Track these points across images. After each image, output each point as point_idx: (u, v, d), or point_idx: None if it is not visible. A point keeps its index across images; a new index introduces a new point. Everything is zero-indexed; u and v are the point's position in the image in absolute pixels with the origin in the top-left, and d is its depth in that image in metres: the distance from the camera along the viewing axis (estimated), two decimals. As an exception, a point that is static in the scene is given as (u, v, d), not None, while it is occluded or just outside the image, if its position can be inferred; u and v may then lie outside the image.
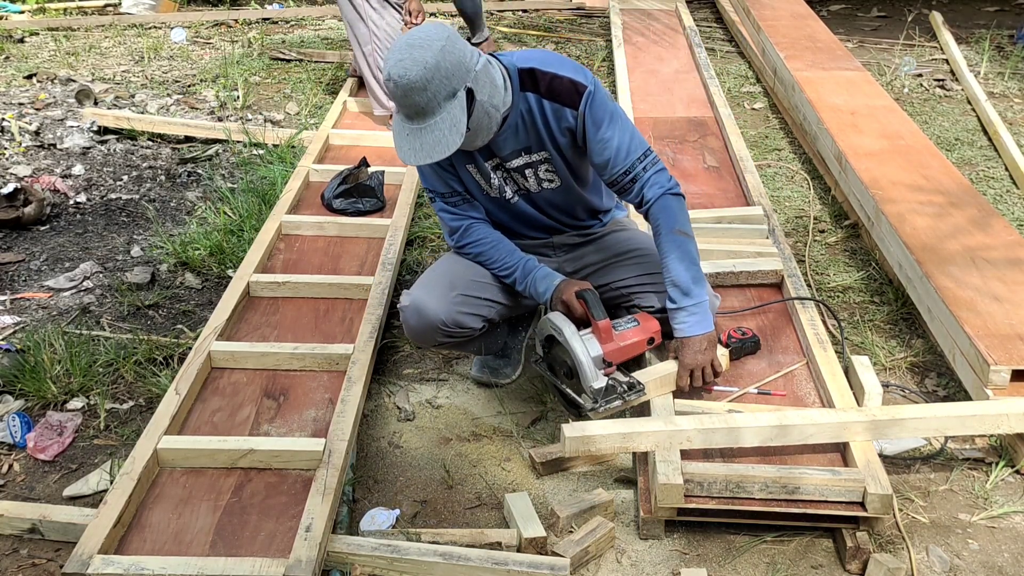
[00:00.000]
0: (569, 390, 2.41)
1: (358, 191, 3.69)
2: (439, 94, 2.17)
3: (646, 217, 2.47)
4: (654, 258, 2.52)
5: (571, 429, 2.20)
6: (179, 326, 3.12)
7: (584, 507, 2.27)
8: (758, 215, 3.49)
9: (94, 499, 2.33)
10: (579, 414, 2.42)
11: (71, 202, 4.06)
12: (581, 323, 2.42)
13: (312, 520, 2.08)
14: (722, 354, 2.54)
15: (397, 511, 2.30)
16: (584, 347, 2.34)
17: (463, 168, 2.52)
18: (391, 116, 4.69)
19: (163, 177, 4.33)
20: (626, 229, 2.77)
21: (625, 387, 2.37)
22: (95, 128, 4.69)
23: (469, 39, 4.86)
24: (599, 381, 2.34)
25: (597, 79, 2.43)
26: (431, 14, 7.12)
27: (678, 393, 2.48)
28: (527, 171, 2.51)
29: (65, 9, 7.57)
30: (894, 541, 2.24)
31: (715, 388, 2.59)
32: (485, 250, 2.58)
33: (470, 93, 2.22)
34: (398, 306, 2.59)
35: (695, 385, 2.44)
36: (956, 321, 2.67)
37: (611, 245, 2.69)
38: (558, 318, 2.41)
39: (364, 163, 3.83)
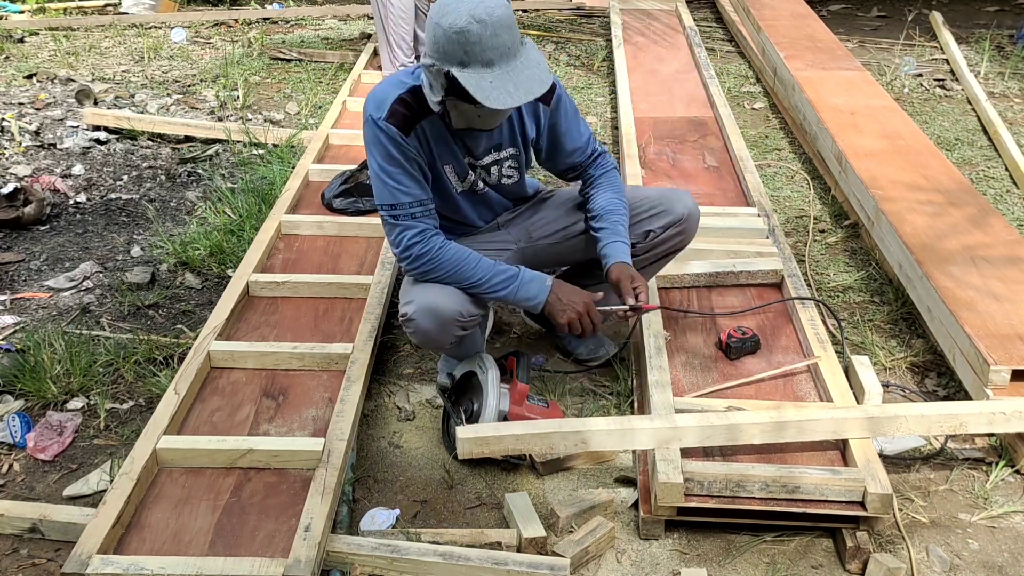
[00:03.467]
0: (464, 425, 2.43)
1: (358, 190, 3.69)
2: (516, 34, 2.19)
3: (594, 180, 2.63)
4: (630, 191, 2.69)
5: (464, 431, 2.24)
6: (179, 326, 3.12)
7: (584, 507, 2.27)
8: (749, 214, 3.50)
9: (94, 499, 2.33)
10: (452, 449, 2.47)
11: (71, 202, 4.06)
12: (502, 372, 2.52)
13: (311, 520, 2.07)
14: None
15: (397, 511, 2.30)
16: (497, 398, 2.42)
17: (441, 169, 2.47)
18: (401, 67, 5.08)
19: (163, 177, 4.33)
20: (552, 191, 2.82)
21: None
22: (100, 138, 4.69)
23: None
24: None
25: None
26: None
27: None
28: (493, 168, 2.57)
29: (65, 9, 7.57)
30: (894, 541, 2.24)
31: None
32: (454, 255, 2.40)
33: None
34: (403, 318, 2.44)
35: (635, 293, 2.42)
36: (956, 321, 2.67)
37: (552, 202, 2.75)
38: (489, 360, 2.49)
39: (366, 166, 3.82)
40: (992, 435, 2.57)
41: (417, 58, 5.30)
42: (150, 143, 4.70)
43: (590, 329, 2.44)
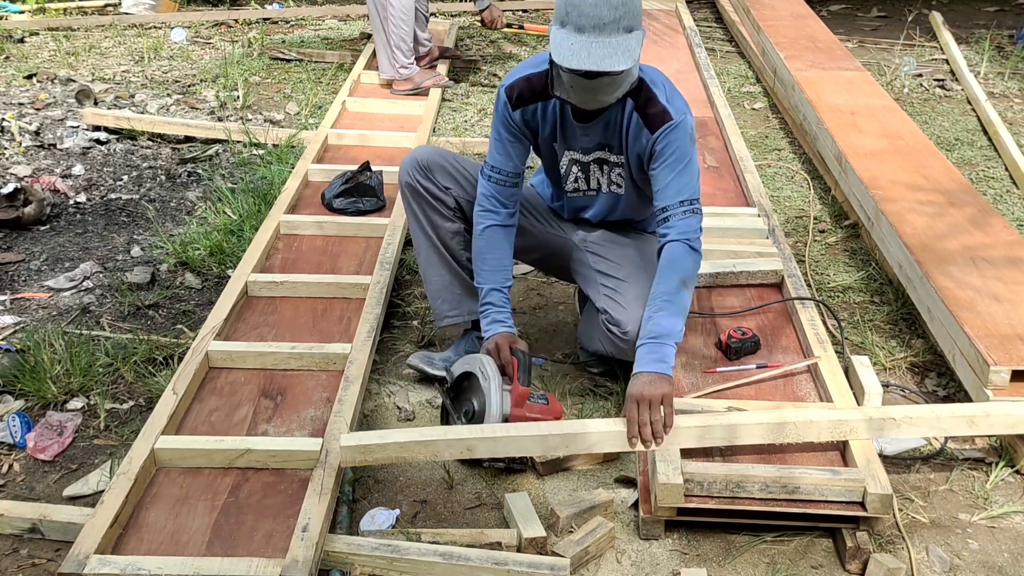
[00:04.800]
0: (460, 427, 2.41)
1: (358, 190, 3.69)
2: (623, 20, 2.21)
3: (658, 255, 2.45)
4: (641, 272, 2.58)
5: (347, 439, 2.24)
6: (179, 326, 3.11)
7: (584, 507, 2.27)
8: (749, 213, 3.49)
9: (94, 499, 2.33)
10: None
11: (71, 202, 4.06)
12: (502, 373, 2.47)
13: (309, 520, 2.07)
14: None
15: (397, 511, 2.30)
16: (500, 406, 2.38)
17: (548, 146, 2.57)
18: (393, 83, 5.16)
19: (163, 177, 4.33)
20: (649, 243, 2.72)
21: (516, 456, 2.37)
22: (100, 138, 4.69)
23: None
24: None
25: (692, 119, 2.44)
26: (431, 13, 7.12)
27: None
28: (604, 166, 2.57)
29: (65, 9, 7.57)
30: (894, 541, 2.23)
31: (717, 370, 2.64)
32: (483, 244, 2.60)
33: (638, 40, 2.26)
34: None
35: (642, 426, 2.20)
36: (956, 321, 2.67)
37: (630, 247, 2.70)
38: (490, 364, 2.45)
39: (367, 167, 3.81)
40: (992, 435, 2.56)
41: (417, 60, 5.30)
42: (150, 143, 4.70)
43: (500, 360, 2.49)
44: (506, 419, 2.42)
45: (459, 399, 2.54)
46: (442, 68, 5.55)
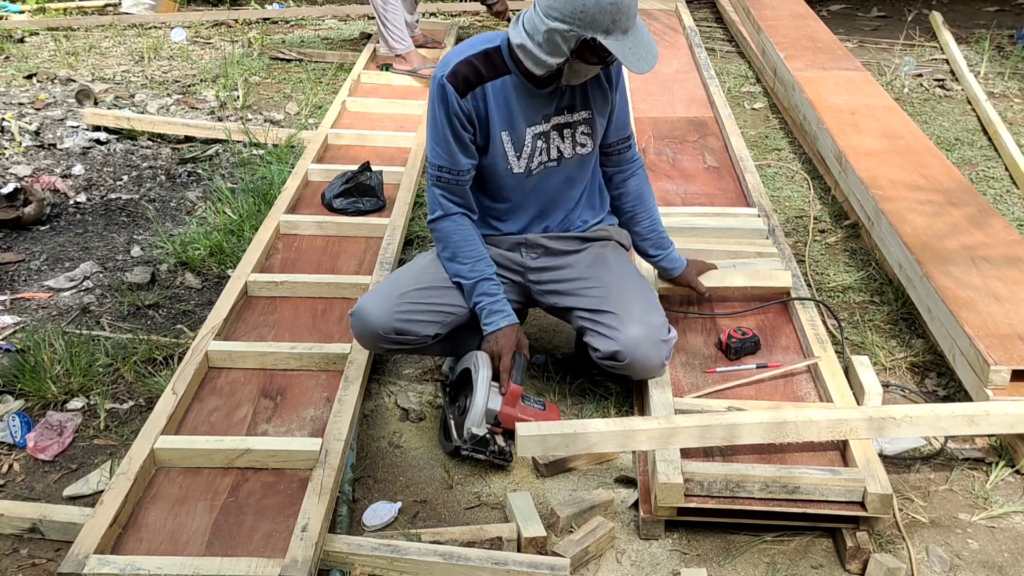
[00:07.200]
0: (452, 422, 2.48)
1: (358, 190, 3.69)
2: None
3: (625, 181, 2.71)
4: (616, 292, 2.54)
5: (525, 428, 2.21)
6: (179, 326, 3.11)
7: (584, 507, 2.27)
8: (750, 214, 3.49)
9: (94, 499, 2.33)
10: (447, 446, 2.49)
11: (71, 202, 4.06)
12: (498, 375, 2.50)
13: (308, 520, 2.07)
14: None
15: (399, 504, 2.31)
16: (486, 397, 2.42)
17: (496, 136, 2.46)
18: (396, 56, 5.28)
19: (163, 177, 4.33)
20: (605, 246, 2.67)
21: (497, 449, 2.43)
22: (100, 138, 4.69)
23: None
24: (480, 429, 2.42)
25: None
26: (431, 14, 7.12)
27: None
28: (566, 131, 2.52)
29: (65, 9, 7.57)
30: (894, 541, 2.23)
31: (717, 370, 2.65)
32: (454, 240, 2.53)
33: None
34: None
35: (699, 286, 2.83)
36: (956, 321, 2.67)
37: (585, 266, 2.62)
38: (483, 359, 2.48)
39: (367, 167, 3.81)
40: (992, 435, 2.56)
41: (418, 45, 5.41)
42: (150, 143, 4.70)
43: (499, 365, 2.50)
44: (495, 417, 2.44)
45: (458, 396, 2.55)
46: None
